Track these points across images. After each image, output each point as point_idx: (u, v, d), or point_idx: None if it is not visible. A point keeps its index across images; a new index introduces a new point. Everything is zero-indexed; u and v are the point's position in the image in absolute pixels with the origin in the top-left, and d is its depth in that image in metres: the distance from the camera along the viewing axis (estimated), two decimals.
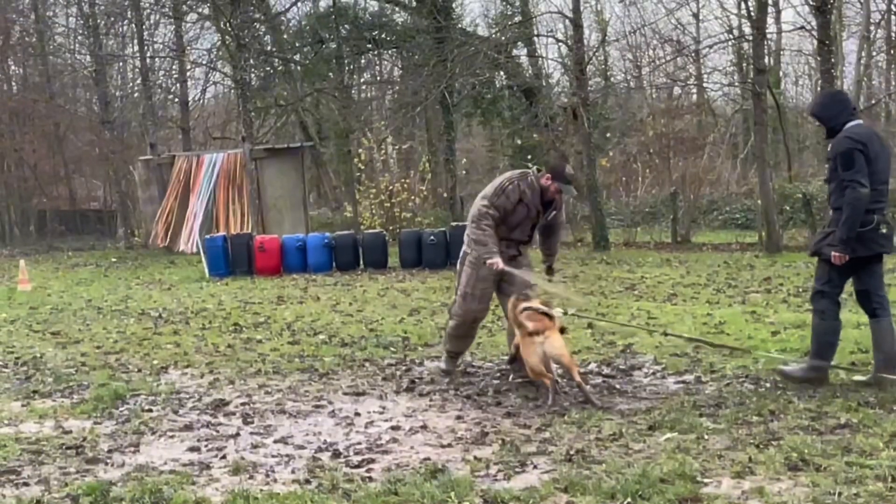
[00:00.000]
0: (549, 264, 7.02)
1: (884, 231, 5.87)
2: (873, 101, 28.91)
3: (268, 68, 26.81)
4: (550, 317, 6.14)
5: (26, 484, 4.61)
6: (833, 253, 5.84)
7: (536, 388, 6.27)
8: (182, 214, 22.50)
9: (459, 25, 24.41)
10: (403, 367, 7.34)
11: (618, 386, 6.34)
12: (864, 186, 5.73)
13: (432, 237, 16.27)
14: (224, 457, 4.98)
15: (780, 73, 29.19)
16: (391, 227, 20.70)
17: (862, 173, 5.74)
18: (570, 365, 5.97)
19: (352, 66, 28.76)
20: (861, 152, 5.76)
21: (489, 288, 6.69)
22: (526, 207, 6.56)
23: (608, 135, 24.61)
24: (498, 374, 6.93)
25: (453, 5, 24.52)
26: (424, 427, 5.47)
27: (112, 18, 28.10)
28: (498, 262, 6.45)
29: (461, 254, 6.89)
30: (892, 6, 26.13)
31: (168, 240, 22.66)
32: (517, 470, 4.54)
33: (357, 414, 5.87)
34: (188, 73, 30.13)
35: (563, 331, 6.18)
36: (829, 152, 6.09)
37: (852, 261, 5.86)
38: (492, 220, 6.50)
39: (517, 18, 24.63)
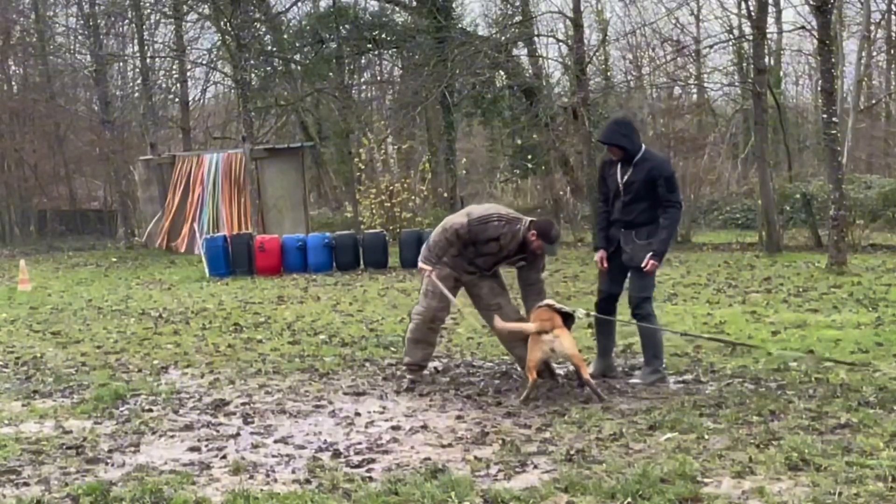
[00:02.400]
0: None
1: None
2: (873, 101, 28.92)
3: (268, 68, 26.80)
4: (570, 317, 6.23)
5: (26, 484, 4.61)
6: (652, 262, 6.37)
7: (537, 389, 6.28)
8: (184, 215, 22.51)
9: (459, 25, 24.41)
10: (404, 367, 7.33)
11: (618, 386, 6.35)
12: (682, 206, 6.58)
13: None
14: (224, 457, 4.99)
15: (781, 73, 29.17)
16: (391, 227, 20.70)
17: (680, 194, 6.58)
18: (580, 363, 6.08)
19: (352, 66, 28.76)
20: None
21: (449, 288, 6.67)
22: (498, 247, 6.56)
23: None
24: (498, 375, 6.94)
25: (453, 5, 24.52)
26: (425, 427, 5.47)
27: (112, 18, 28.08)
28: (432, 273, 6.59)
29: None
30: (893, 6, 26.14)
31: (171, 241, 22.66)
32: (517, 470, 4.54)
33: (357, 414, 5.88)
34: (188, 73, 30.13)
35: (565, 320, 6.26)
36: (637, 174, 6.39)
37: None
38: (458, 241, 6.58)
39: (517, 18, 24.63)
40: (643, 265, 6.33)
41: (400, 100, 25.69)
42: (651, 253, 6.33)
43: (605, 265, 6.60)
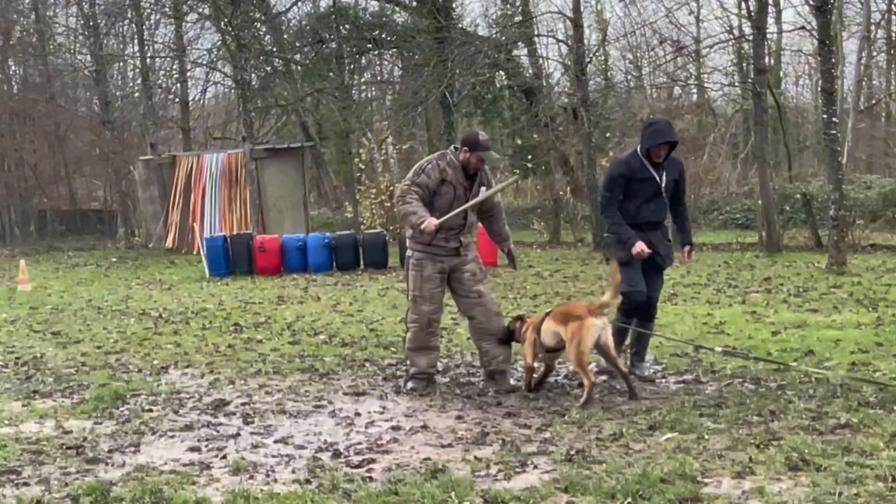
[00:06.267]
0: (507, 249, 6.77)
1: None
2: (873, 101, 28.93)
3: (268, 68, 26.79)
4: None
5: (26, 484, 4.61)
6: (695, 251, 6.79)
7: (537, 391, 6.28)
8: (187, 215, 22.51)
9: (459, 25, 24.41)
10: (404, 368, 7.33)
11: (618, 386, 6.34)
12: None
13: None
14: (224, 457, 4.99)
15: (781, 73, 29.17)
16: (391, 227, 20.70)
17: None
18: (616, 356, 6.09)
19: (352, 66, 28.75)
20: None
21: (437, 287, 6.44)
22: (451, 187, 6.34)
23: (608, 135, 24.61)
24: None
25: (453, 5, 24.52)
26: (425, 427, 5.47)
27: (112, 18, 28.08)
28: (430, 222, 6.18)
29: (406, 258, 6.62)
30: (893, 6, 26.14)
31: (176, 242, 22.64)
32: (517, 470, 4.55)
33: (357, 414, 5.88)
34: (188, 73, 30.15)
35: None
36: (672, 173, 6.52)
37: None
38: (416, 196, 6.28)
39: (517, 18, 24.63)
40: (689, 257, 6.78)
41: (400, 100, 25.68)
42: (689, 245, 6.73)
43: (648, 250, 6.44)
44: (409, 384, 6.54)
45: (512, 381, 6.50)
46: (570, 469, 4.48)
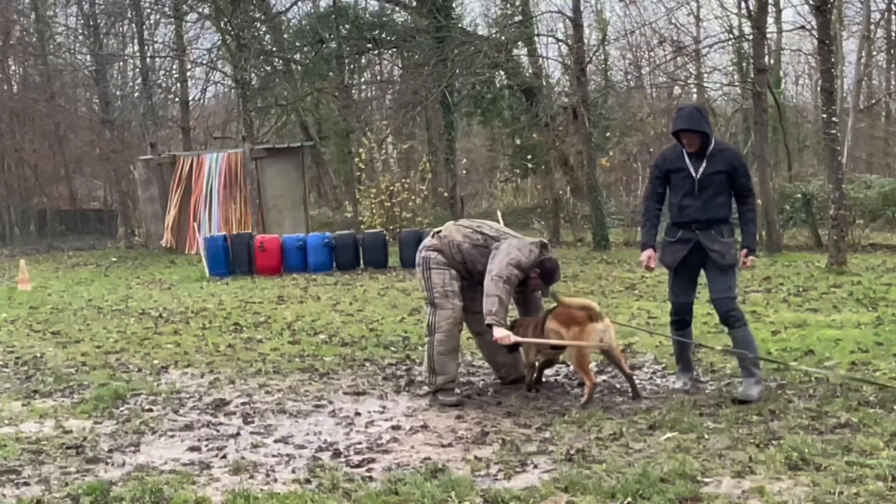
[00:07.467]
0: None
1: None
2: (873, 101, 28.91)
3: (268, 68, 26.80)
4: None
5: (26, 484, 4.61)
6: (752, 258, 6.13)
7: (537, 391, 6.28)
8: (186, 215, 22.51)
9: (459, 25, 24.40)
10: (404, 367, 7.34)
11: (618, 386, 6.35)
12: None
13: None
14: (224, 456, 4.99)
15: (780, 73, 29.16)
16: (391, 227, 20.70)
17: None
18: (621, 357, 6.10)
19: (352, 66, 28.75)
20: None
21: (460, 286, 6.26)
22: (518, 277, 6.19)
23: (608, 135, 24.59)
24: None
25: (453, 5, 24.50)
26: (425, 427, 5.48)
27: (112, 18, 28.11)
28: (508, 335, 5.94)
29: (421, 260, 6.33)
30: (892, 6, 26.14)
31: (175, 241, 22.65)
32: (517, 470, 4.55)
33: (357, 413, 5.88)
34: (188, 73, 30.16)
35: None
36: (715, 165, 5.87)
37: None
38: (511, 287, 6.04)
39: (517, 18, 24.61)
40: (744, 263, 6.03)
41: (400, 100, 25.69)
42: (747, 249, 6.04)
43: (654, 266, 6.16)
44: (443, 397, 6.10)
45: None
46: (570, 469, 4.48)
